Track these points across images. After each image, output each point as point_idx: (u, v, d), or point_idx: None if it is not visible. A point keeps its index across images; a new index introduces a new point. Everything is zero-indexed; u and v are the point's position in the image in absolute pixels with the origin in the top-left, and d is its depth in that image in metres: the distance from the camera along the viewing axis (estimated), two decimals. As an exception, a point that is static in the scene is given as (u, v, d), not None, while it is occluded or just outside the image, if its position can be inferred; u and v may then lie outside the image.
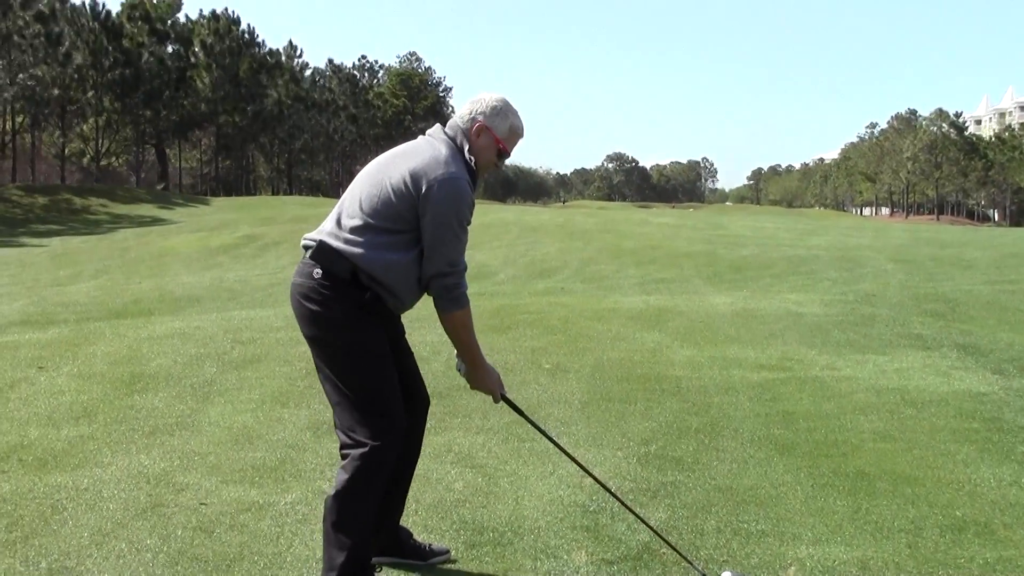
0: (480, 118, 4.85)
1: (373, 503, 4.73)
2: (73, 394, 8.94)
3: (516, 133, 4.95)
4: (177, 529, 5.65)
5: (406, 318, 5.13)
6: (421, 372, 5.25)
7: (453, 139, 4.84)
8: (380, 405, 4.72)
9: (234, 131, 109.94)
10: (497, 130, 4.86)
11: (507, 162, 5.12)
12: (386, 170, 4.76)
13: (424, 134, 4.98)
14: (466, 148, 4.83)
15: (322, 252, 4.69)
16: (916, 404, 8.74)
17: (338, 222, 4.75)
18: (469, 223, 4.74)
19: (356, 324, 4.69)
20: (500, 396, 5.10)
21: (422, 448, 5.30)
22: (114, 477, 6.60)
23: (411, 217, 4.63)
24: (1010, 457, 7.22)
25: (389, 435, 4.70)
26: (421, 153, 4.75)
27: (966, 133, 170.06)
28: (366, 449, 4.65)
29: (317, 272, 4.67)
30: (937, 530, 5.76)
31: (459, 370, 5.07)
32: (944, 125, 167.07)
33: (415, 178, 4.61)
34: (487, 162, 4.90)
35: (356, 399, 4.69)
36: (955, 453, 7.30)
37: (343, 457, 4.74)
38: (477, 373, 5.00)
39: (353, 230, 4.66)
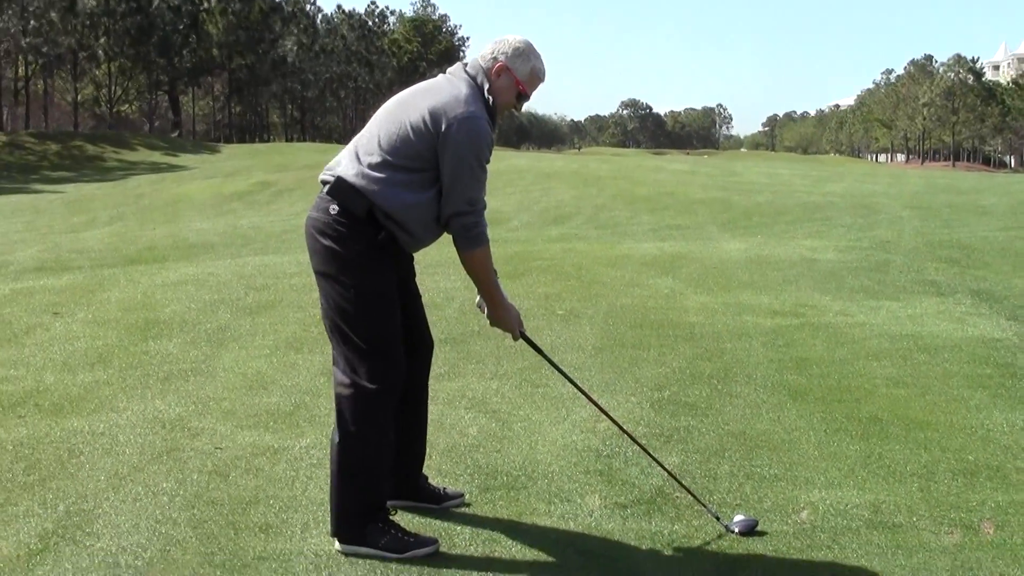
0: (502, 58, 4.81)
1: (376, 444, 4.75)
2: (88, 340, 8.98)
3: (537, 76, 4.91)
4: (193, 473, 5.69)
5: (420, 264, 5.13)
6: (435, 318, 5.26)
7: (474, 78, 4.80)
8: (382, 347, 4.72)
9: (247, 76, 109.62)
10: (518, 72, 4.82)
11: (522, 109, 5.09)
12: (405, 108, 4.73)
13: (445, 72, 4.95)
14: (486, 88, 4.79)
15: (339, 188, 4.67)
16: (929, 350, 8.74)
17: (356, 159, 4.73)
18: (488, 162, 4.72)
19: (368, 264, 4.68)
20: (519, 334, 5.10)
21: (436, 394, 5.32)
22: (129, 422, 6.64)
23: (430, 156, 4.61)
24: (1023, 402, 7.21)
25: (388, 379, 4.72)
26: (441, 91, 4.72)
27: (983, 79, 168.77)
28: (364, 390, 4.67)
29: (334, 208, 4.65)
30: (949, 474, 5.78)
31: (480, 308, 5.08)
32: (961, 71, 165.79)
33: (435, 116, 4.59)
34: (506, 103, 4.87)
35: (359, 339, 4.69)
36: (968, 398, 7.31)
37: (336, 396, 4.76)
38: (497, 311, 5.01)
39: (371, 167, 4.65)
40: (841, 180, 38.62)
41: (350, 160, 4.75)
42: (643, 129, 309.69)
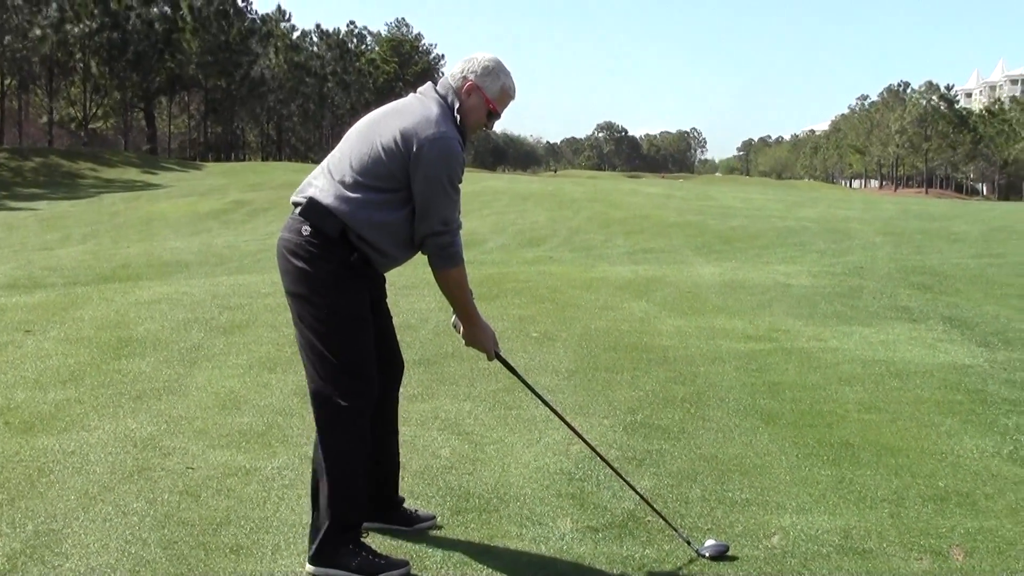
0: (471, 77, 4.83)
1: (352, 464, 4.75)
2: (60, 358, 8.94)
3: (507, 94, 4.92)
4: (164, 493, 5.67)
5: (394, 285, 5.14)
6: (409, 340, 5.27)
7: (444, 98, 4.81)
8: (355, 366, 4.73)
9: (223, 95, 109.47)
10: (488, 90, 4.84)
11: (497, 130, 5.11)
12: (376, 128, 4.74)
13: (415, 92, 4.96)
14: (456, 107, 4.80)
15: (312, 209, 4.68)
16: (901, 376, 8.78)
17: (329, 179, 4.73)
18: (460, 182, 4.72)
19: (340, 284, 4.68)
20: (494, 354, 5.11)
21: (409, 415, 5.32)
22: (101, 441, 6.60)
23: (402, 176, 4.62)
24: (993, 429, 7.26)
25: (361, 397, 4.73)
26: (412, 112, 4.73)
27: (956, 106, 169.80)
28: (338, 409, 4.68)
29: (306, 229, 4.66)
30: (920, 500, 5.80)
31: (455, 327, 5.09)
32: (934, 98, 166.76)
33: (406, 137, 4.59)
34: (477, 122, 4.88)
35: (333, 358, 4.69)
36: (939, 424, 7.34)
37: (314, 413, 4.77)
38: (472, 330, 5.02)
39: (344, 188, 4.65)
40: (815, 205, 38.80)
41: (322, 181, 4.75)
42: (619, 152, 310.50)
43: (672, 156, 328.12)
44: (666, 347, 9.76)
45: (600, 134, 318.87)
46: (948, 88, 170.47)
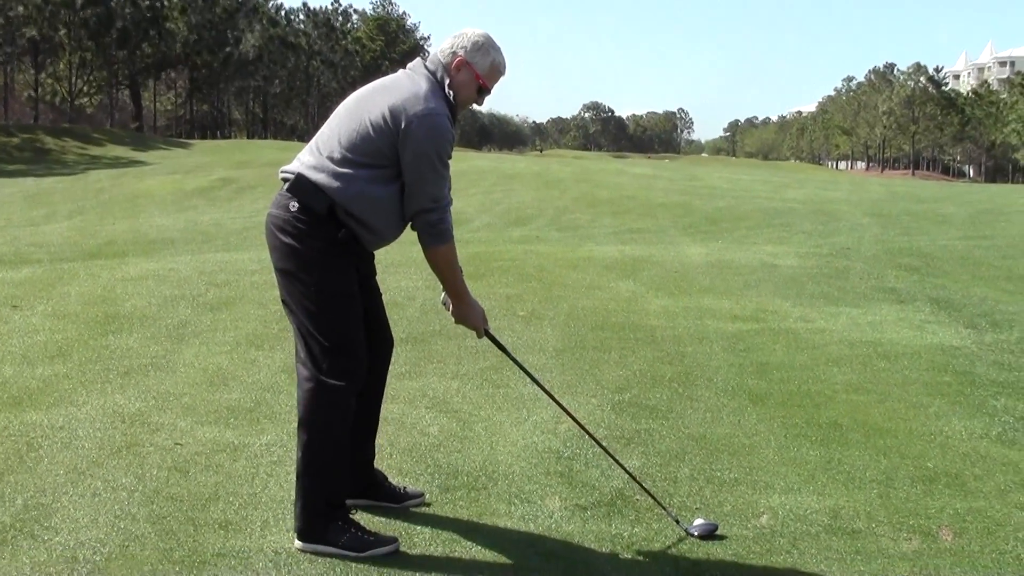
0: (461, 53, 4.79)
1: (336, 441, 4.75)
2: (47, 333, 8.91)
3: (497, 70, 4.89)
4: (152, 469, 5.66)
5: (382, 263, 5.12)
6: (396, 318, 5.25)
7: (433, 73, 4.78)
8: (344, 344, 4.72)
9: (209, 73, 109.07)
10: (478, 66, 4.80)
11: (483, 110, 5.09)
12: (365, 104, 4.72)
13: (405, 68, 4.93)
14: (446, 83, 4.77)
15: (300, 185, 4.66)
16: (889, 357, 8.80)
17: (317, 155, 4.71)
18: (450, 158, 4.71)
19: (328, 261, 4.67)
20: (484, 331, 5.10)
21: (397, 393, 5.31)
22: (89, 416, 6.59)
23: (391, 153, 4.60)
24: (981, 410, 7.28)
25: (349, 375, 4.72)
26: (401, 88, 4.70)
27: (944, 88, 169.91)
28: (325, 386, 4.67)
29: (294, 205, 4.64)
30: (908, 481, 5.82)
31: (444, 305, 5.08)
32: (922, 79, 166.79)
33: (394, 114, 4.57)
34: (467, 98, 4.85)
35: (321, 336, 4.68)
36: (927, 406, 7.36)
37: (299, 389, 4.76)
38: (462, 308, 5.02)
39: (332, 164, 4.64)
40: (801, 187, 38.81)
41: (310, 157, 4.74)
42: (605, 132, 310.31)
43: (658, 136, 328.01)
44: (653, 327, 9.76)
45: (586, 114, 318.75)
46: (936, 70, 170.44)
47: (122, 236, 20.63)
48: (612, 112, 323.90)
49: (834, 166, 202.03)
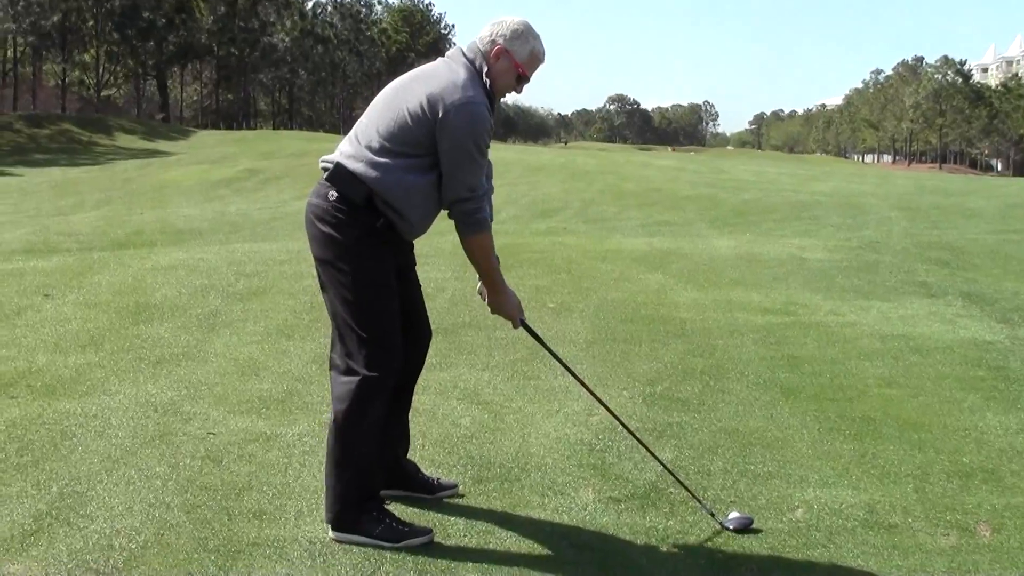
0: (500, 41, 4.74)
1: (370, 433, 4.72)
2: (79, 322, 8.94)
3: (536, 58, 4.85)
4: (186, 458, 5.67)
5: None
6: (427, 309, 5.22)
7: (472, 62, 4.74)
8: (380, 335, 4.70)
9: (235, 63, 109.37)
10: (517, 54, 4.76)
11: (507, 101, 5.05)
12: (403, 94, 4.69)
13: (444, 57, 4.90)
14: (484, 71, 4.74)
15: (338, 175, 4.66)
16: (921, 351, 8.75)
17: (356, 145, 4.70)
18: (488, 147, 4.68)
19: (366, 251, 4.66)
20: (520, 322, 5.08)
21: (428, 384, 5.29)
22: (122, 405, 6.61)
23: (428, 142, 4.58)
24: (1016, 405, 7.23)
25: (385, 367, 4.70)
26: (439, 77, 4.67)
27: (971, 81, 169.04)
28: (360, 378, 4.65)
29: (332, 194, 4.63)
30: (944, 476, 5.78)
31: (480, 295, 5.06)
32: (950, 73, 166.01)
33: (432, 103, 4.55)
34: (505, 86, 4.82)
35: (357, 326, 4.67)
36: (961, 400, 7.32)
37: (332, 381, 4.76)
38: (498, 297, 4.99)
39: (371, 153, 4.62)
40: (828, 179, 38.66)
41: (349, 147, 4.73)
42: (630, 124, 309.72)
43: (684, 129, 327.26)
44: (683, 319, 9.73)
45: (611, 106, 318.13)
46: (963, 63, 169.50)
47: (150, 226, 20.70)
48: (637, 104, 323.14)
49: (860, 159, 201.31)
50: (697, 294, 11.15)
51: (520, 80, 4.83)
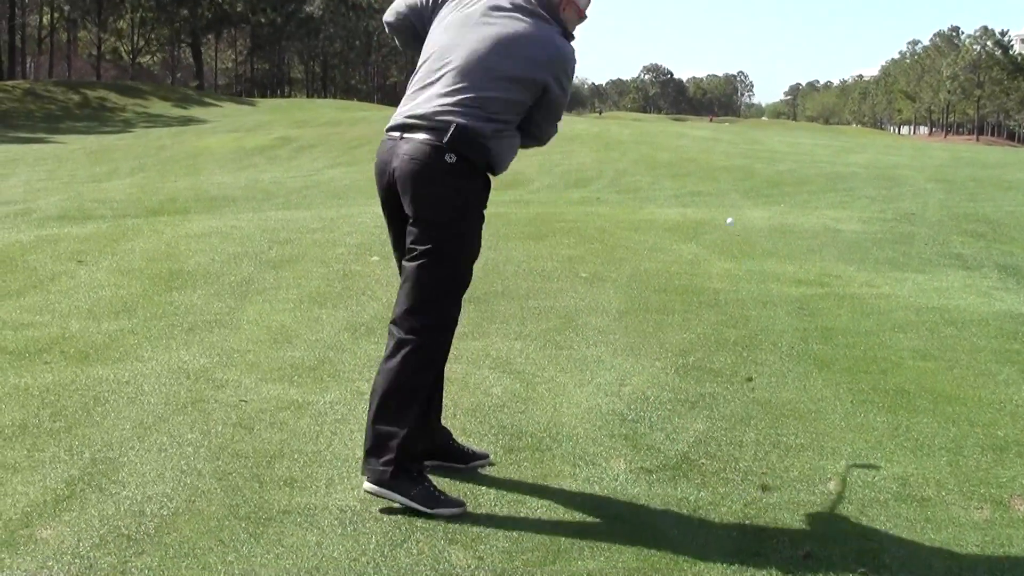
0: None
1: (423, 395, 4.75)
2: (113, 289, 8.97)
3: (590, 2, 5.04)
4: (218, 425, 5.68)
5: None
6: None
7: (550, 14, 4.85)
8: (455, 298, 4.78)
9: (270, 31, 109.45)
10: (580, 2, 4.94)
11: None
12: (501, 56, 4.71)
13: (512, 7, 4.85)
14: (560, 27, 4.89)
15: (461, 138, 4.62)
16: (956, 323, 8.68)
17: (467, 106, 4.66)
18: None
19: (470, 214, 4.76)
20: None
21: (460, 353, 5.33)
22: (154, 371, 6.63)
23: (530, 102, 4.78)
24: (1051, 379, 7.17)
25: (450, 331, 4.79)
26: (537, 38, 4.77)
27: (1011, 52, 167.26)
28: (433, 336, 4.71)
29: (450, 157, 4.61)
30: (979, 449, 5.73)
31: None
32: (988, 43, 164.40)
33: (540, 69, 4.73)
34: (574, 32, 4.99)
35: (440, 288, 4.71)
36: (996, 374, 7.26)
37: (399, 343, 4.72)
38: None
39: (487, 116, 4.67)
40: (864, 151, 38.34)
41: (457, 106, 4.68)
42: (664, 95, 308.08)
43: (718, 100, 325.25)
44: (717, 290, 9.69)
45: (646, 76, 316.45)
46: (1003, 33, 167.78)
47: (184, 193, 20.76)
48: (672, 75, 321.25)
49: (896, 131, 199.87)
50: (730, 265, 11.10)
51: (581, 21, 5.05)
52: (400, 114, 4.80)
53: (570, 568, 4.16)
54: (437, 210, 4.69)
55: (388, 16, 5.25)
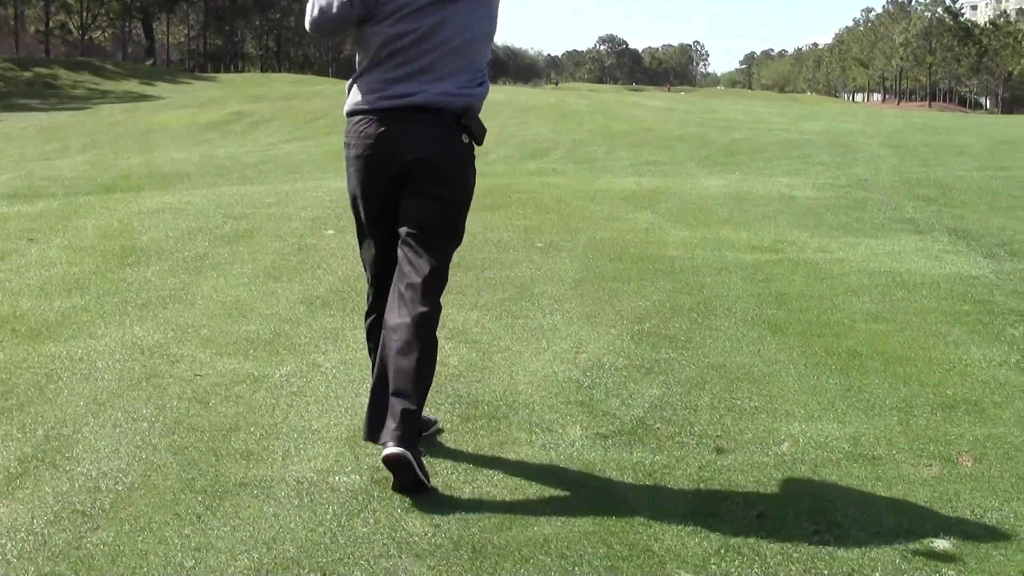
0: None
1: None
2: (64, 266, 8.91)
3: None
4: (172, 400, 5.66)
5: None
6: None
7: None
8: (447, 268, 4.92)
9: (224, 5, 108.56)
10: None
11: (497, 43, 5.15)
12: (483, 14, 4.78)
13: None
14: None
15: (471, 116, 4.75)
16: (908, 286, 8.76)
17: (461, 84, 4.74)
18: None
19: (473, 180, 4.95)
20: None
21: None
22: (108, 348, 6.60)
23: None
24: (1000, 338, 7.26)
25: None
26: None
27: (961, 19, 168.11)
28: (437, 312, 4.81)
29: (465, 137, 4.73)
30: (928, 408, 5.81)
31: None
32: (939, 10, 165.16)
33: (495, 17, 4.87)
34: None
35: (448, 260, 4.91)
36: (946, 334, 7.34)
37: (415, 314, 4.67)
38: None
39: (476, 87, 4.81)
40: (818, 119, 38.57)
41: (452, 84, 4.72)
42: (620, 65, 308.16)
43: (674, 69, 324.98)
44: (672, 257, 9.73)
45: (602, 47, 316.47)
46: (954, 0, 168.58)
47: (137, 170, 20.58)
48: (627, 45, 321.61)
49: (850, 98, 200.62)
50: (686, 233, 11.14)
51: None
52: (395, 96, 4.69)
53: (527, 534, 4.18)
54: (466, 190, 4.85)
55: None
